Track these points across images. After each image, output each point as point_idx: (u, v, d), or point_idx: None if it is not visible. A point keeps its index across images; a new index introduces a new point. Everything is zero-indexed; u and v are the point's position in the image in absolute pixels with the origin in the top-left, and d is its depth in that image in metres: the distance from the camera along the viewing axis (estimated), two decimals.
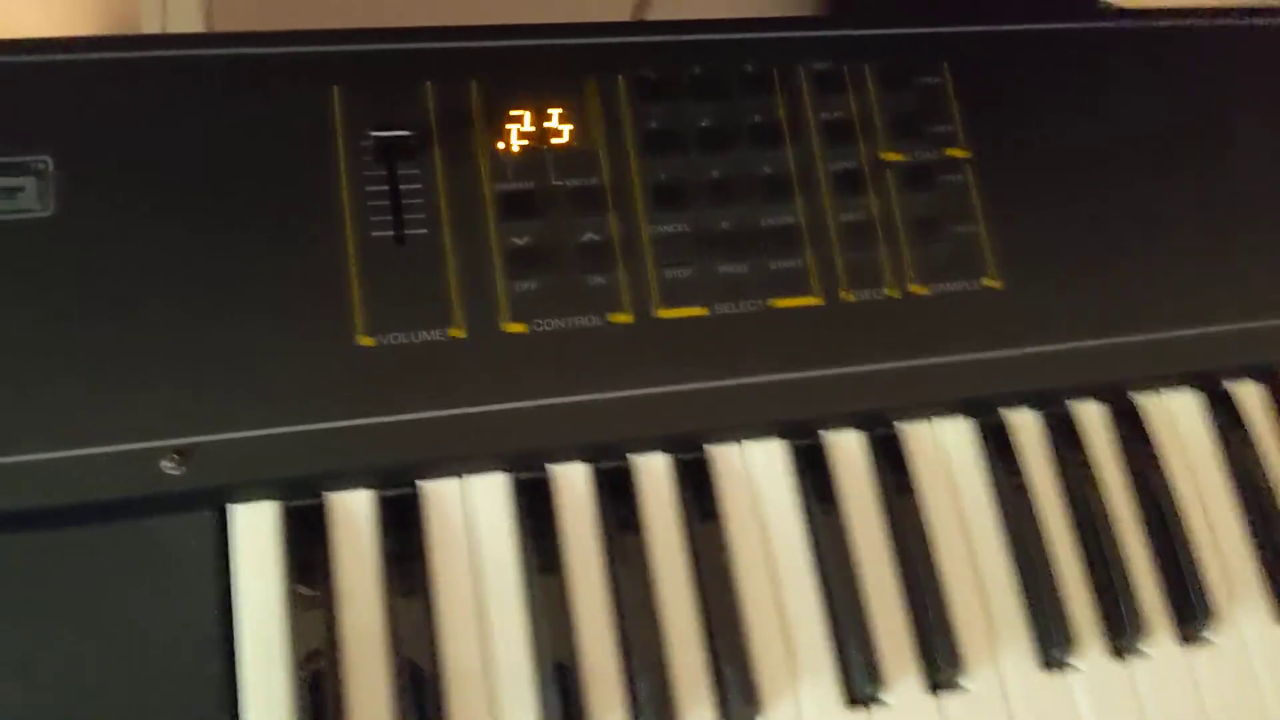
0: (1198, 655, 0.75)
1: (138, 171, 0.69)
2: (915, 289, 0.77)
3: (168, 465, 0.64)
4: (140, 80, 0.71)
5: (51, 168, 0.68)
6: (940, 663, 0.70)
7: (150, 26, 0.85)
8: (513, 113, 0.75)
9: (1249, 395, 0.83)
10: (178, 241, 0.68)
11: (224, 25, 0.87)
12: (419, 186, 0.73)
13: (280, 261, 0.69)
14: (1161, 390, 0.82)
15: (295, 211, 0.70)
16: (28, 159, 0.68)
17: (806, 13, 1.16)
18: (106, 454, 0.64)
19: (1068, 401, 0.80)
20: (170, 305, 0.67)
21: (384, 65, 0.75)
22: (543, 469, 0.71)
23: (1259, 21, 0.91)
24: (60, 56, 0.70)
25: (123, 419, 0.65)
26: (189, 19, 0.84)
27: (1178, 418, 0.81)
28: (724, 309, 0.74)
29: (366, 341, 0.69)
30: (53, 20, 0.93)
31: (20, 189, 0.67)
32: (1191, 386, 0.83)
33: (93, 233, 0.67)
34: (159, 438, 0.65)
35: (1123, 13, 0.93)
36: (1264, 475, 0.80)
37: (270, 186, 0.70)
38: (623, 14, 1.05)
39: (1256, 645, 0.76)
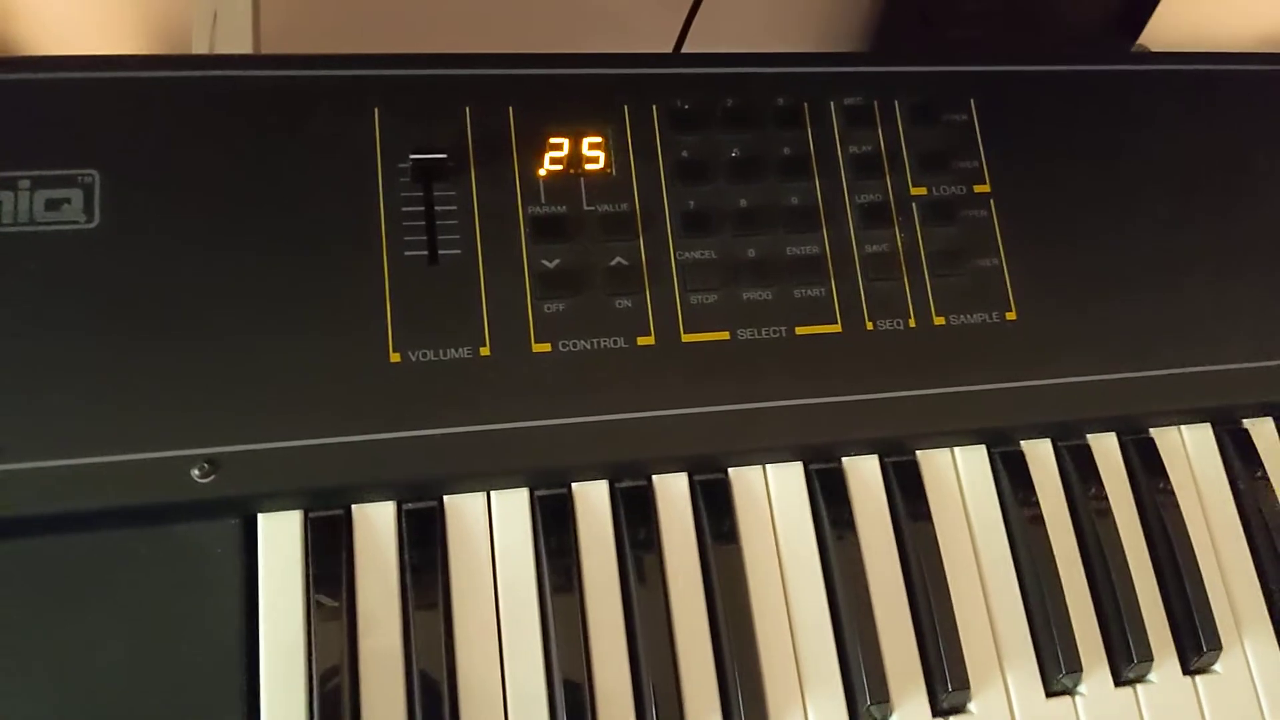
0: (1203, 685, 0.76)
1: (181, 187, 0.71)
2: (936, 320, 0.78)
3: (197, 474, 0.66)
4: (187, 99, 0.73)
5: (97, 181, 0.70)
6: (947, 686, 0.71)
7: (200, 47, 0.87)
8: (548, 139, 0.77)
9: (1268, 434, 0.84)
10: (216, 256, 0.70)
11: (271, 47, 0.89)
12: (454, 208, 0.74)
13: (316, 278, 0.71)
14: (1180, 425, 0.83)
15: (333, 229, 0.72)
16: (75, 172, 0.70)
17: (849, 49, 1.18)
18: (138, 461, 0.66)
19: (1085, 433, 0.80)
20: (206, 318, 0.69)
21: (424, 90, 0.76)
22: (564, 486, 0.73)
23: None
24: (111, 74, 0.72)
25: (155, 427, 0.66)
26: (238, 40, 0.86)
27: (1193, 453, 0.82)
28: (747, 334, 0.76)
29: (397, 358, 0.70)
30: (107, 39, 0.96)
31: (66, 200, 0.69)
32: (1211, 423, 0.83)
33: (134, 245, 0.69)
34: (190, 446, 0.66)
35: (1155, 56, 0.93)
36: (1276, 513, 0.81)
37: (310, 205, 0.72)
38: (666, 45, 1.06)
39: (1262, 676, 0.77)
